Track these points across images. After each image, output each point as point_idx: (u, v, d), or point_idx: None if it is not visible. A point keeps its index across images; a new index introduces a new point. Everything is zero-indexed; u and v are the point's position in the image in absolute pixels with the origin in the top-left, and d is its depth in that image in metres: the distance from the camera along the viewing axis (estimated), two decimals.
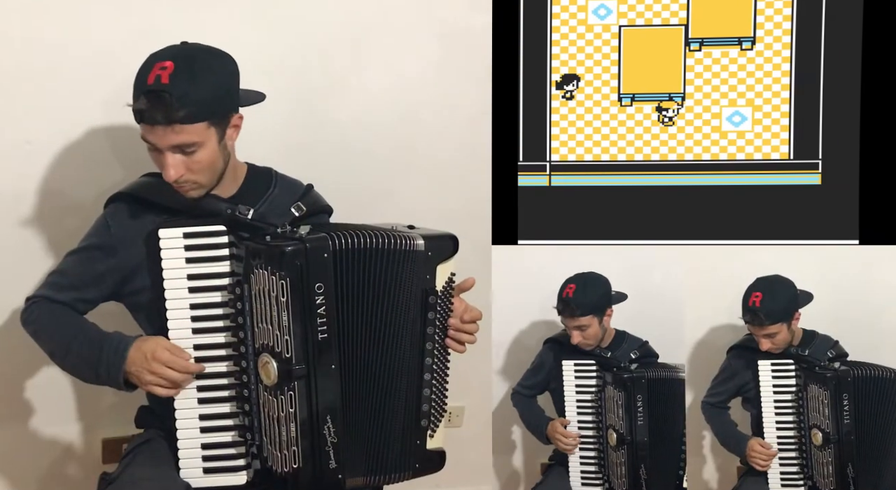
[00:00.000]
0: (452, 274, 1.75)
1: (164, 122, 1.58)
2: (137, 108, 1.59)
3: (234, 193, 1.79)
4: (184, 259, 1.66)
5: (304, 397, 1.59)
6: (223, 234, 1.66)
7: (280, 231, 1.62)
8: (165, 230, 1.66)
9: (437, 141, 2.34)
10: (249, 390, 1.64)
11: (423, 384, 1.72)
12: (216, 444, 1.69)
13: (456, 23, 2.28)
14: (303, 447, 1.60)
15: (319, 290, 1.58)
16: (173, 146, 1.61)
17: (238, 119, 1.72)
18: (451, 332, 1.75)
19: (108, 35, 2.05)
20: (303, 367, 1.58)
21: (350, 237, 1.63)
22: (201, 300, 1.66)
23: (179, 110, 1.57)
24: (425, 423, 1.73)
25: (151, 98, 1.57)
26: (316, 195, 1.92)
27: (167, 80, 1.57)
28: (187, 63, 1.60)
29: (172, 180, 1.64)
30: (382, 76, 2.27)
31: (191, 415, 1.67)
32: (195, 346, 1.66)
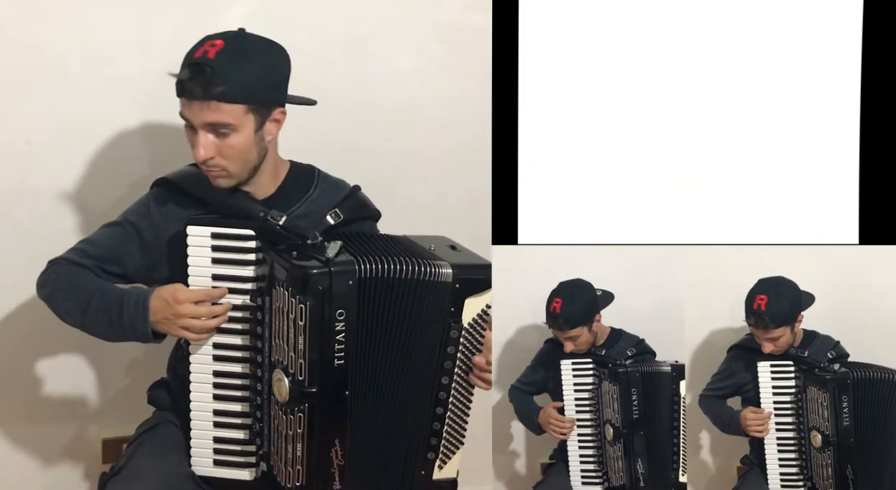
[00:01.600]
0: (487, 306, 1.68)
1: (202, 97, 1.55)
2: (179, 78, 1.56)
3: (273, 193, 1.76)
4: (210, 259, 1.63)
5: (314, 419, 1.56)
6: (251, 238, 1.63)
7: (310, 243, 1.59)
8: (194, 227, 1.63)
9: (437, 141, 2.34)
10: (262, 399, 1.63)
11: (434, 417, 1.68)
12: (228, 439, 1.68)
13: (456, 23, 2.28)
14: (308, 467, 1.58)
15: (340, 317, 1.54)
16: (207, 124, 1.58)
17: (281, 114, 1.68)
18: (475, 371, 1.70)
19: (108, 36, 2.05)
20: (314, 391, 1.55)
21: (377, 263, 1.58)
22: (223, 301, 1.64)
23: (219, 86, 1.54)
24: (432, 456, 1.69)
25: (193, 70, 1.54)
26: (360, 199, 1.86)
27: (213, 56, 1.55)
28: (238, 44, 1.59)
29: (201, 160, 1.61)
30: (382, 76, 2.27)
31: (206, 408, 1.66)
32: (214, 344, 1.65)
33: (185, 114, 1.59)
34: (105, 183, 2.08)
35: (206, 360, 1.66)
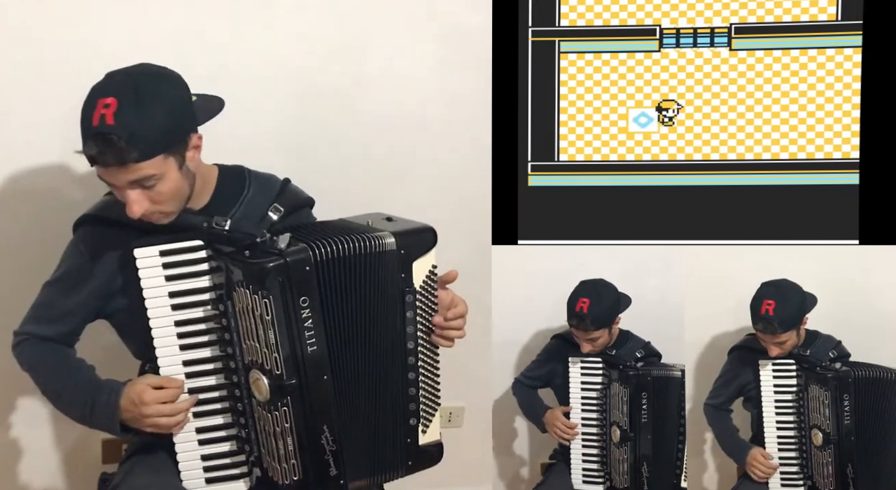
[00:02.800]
0: (434, 267, 1.70)
1: (117, 164, 1.51)
2: (88, 153, 1.52)
3: (208, 201, 1.74)
4: (163, 277, 1.62)
5: (299, 411, 1.57)
6: (201, 248, 1.62)
7: (260, 241, 1.57)
8: (140, 249, 1.61)
9: (437, 141, 2.34)
10: (243, 404, 1.63)
11: (408, 383, 1.69)
12: (215, 455, 1.68)
13: (456, 23, 2.28)
14: (302, 459, 1.58)
15: (304, 303, 1.55)
16: (131, 183, 1.54)
17: (198, 139, 1.63)
18: (437, 331, 1.72)
19: (108, 36, 2.05)
20: (294, 382, 1.55)
21: (329, 245, 1.59)
22: (186, 317, 1.63)
23: (131, 151, 1.49)
24: (414, 422, 1.71)
25: (99, 142, 1.49)
26: (293, 190, 1.86)
27: (112, 121, 1.49)
28: (131, 97, 1.52)
29: (137, 217, 1.57)
30: (382, 76, 2.27)
31: (187, 428, 1.65)
32: (184, 361, 1.64)
33: (105, 178, 1.56)
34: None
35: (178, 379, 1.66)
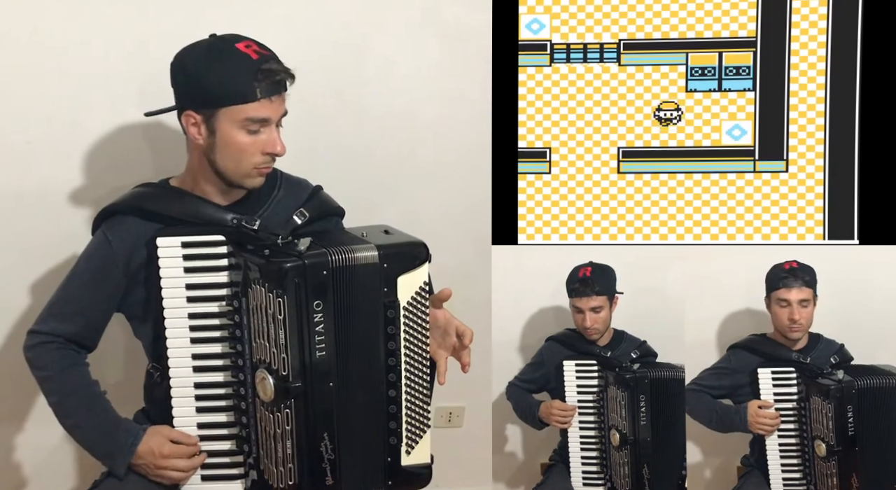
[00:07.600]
0: (425, 283, 1.68)
1: (286, 89, 1.63)
2: (277, 71, 1.60)
3: (239, 198, 1.75)
4: (182, 268, 1.63)
5: (301, 414, 1.57)
6: (222, 244, 1.64)
7: (281, 241, 1.59)
8: (163, 238, 1.63)
9: (437, 141, 2.34)
10: (247, 403, 1.63)
11: (388, 400, 1.66)
12: (213, 453, 1.68)
13: (456, 23, 2.28)
14: (299, 465, 1.59)
15: (318, 308, 1.56)
16: (280, 117, 1.65)
17: None
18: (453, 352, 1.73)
19: (108, 36, 2.06)
20: (300, 385, 1.56)
21: (341, 254, 1.60)
22: (199, 310, 1.64)
23: (290, 74, 1.63)
24: (395, 441, 1.67)
25: (279, 63, 1.61)
26: (323, 197, 1.87)
27: (266, 51, 1.62)
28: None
29: (283, 154, 1.65)
30: (382, 76, 2.27)
31: (189, 423, 1.66)
32: (193, 355, 1.65)
33: (261, 114, 1.60)
34: (105, 183, 2.07)
35: (186, 372, 1.66)
